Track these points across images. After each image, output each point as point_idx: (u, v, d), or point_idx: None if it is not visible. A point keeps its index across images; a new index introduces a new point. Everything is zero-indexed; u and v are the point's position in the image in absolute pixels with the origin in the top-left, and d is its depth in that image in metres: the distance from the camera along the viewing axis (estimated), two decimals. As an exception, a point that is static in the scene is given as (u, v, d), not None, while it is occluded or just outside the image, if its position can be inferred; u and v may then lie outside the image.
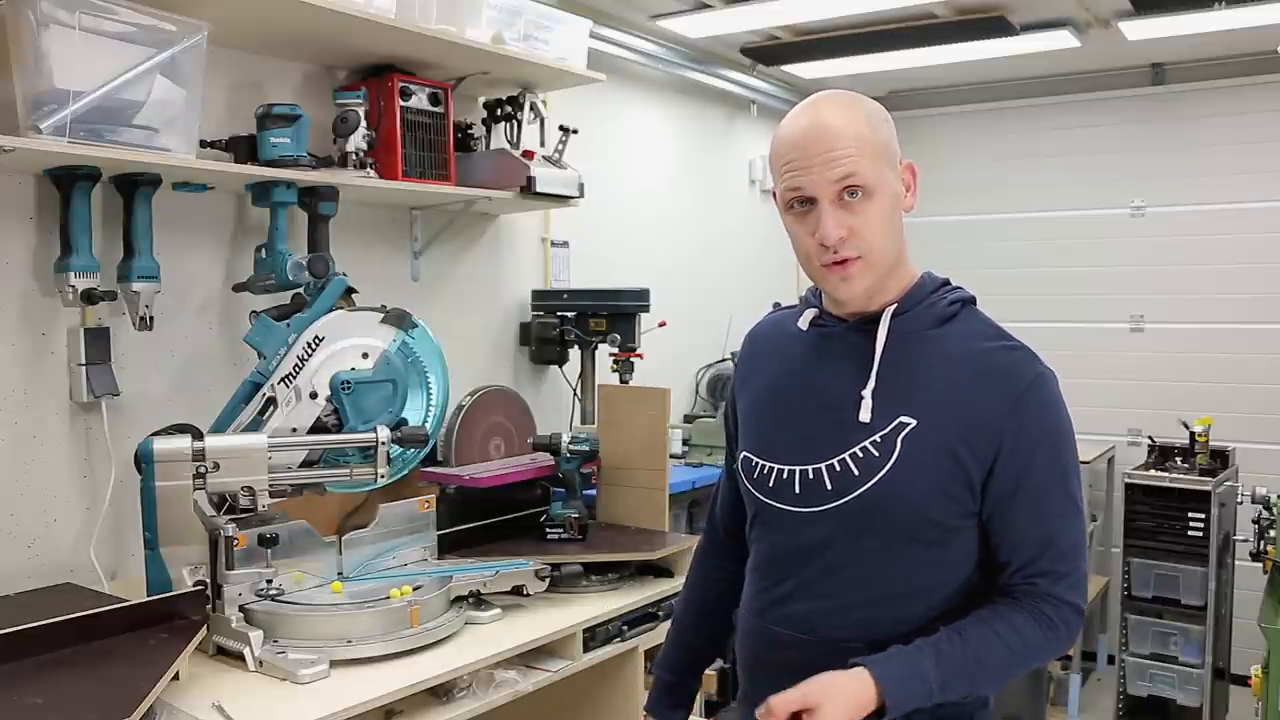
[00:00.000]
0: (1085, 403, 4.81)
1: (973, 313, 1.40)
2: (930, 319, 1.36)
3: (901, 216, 1.35)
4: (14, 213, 2.13)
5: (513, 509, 2.75)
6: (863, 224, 1.29)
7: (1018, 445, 1.29)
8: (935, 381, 1.32)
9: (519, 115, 2.98)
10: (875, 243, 1.30)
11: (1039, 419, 1.31)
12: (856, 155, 1.27)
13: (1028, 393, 1.30)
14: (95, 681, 1.65)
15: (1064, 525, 1.31)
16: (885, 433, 1.31)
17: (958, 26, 3.76)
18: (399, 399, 2.26)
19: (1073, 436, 1.36)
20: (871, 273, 1.33)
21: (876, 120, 1.33)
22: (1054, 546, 1.31)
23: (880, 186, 1.30)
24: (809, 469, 1.36)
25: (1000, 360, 1.32)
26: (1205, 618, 3.90)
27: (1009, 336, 1.37)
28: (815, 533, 1.36)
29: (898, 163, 1.34)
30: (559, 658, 2.20)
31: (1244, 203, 4.49)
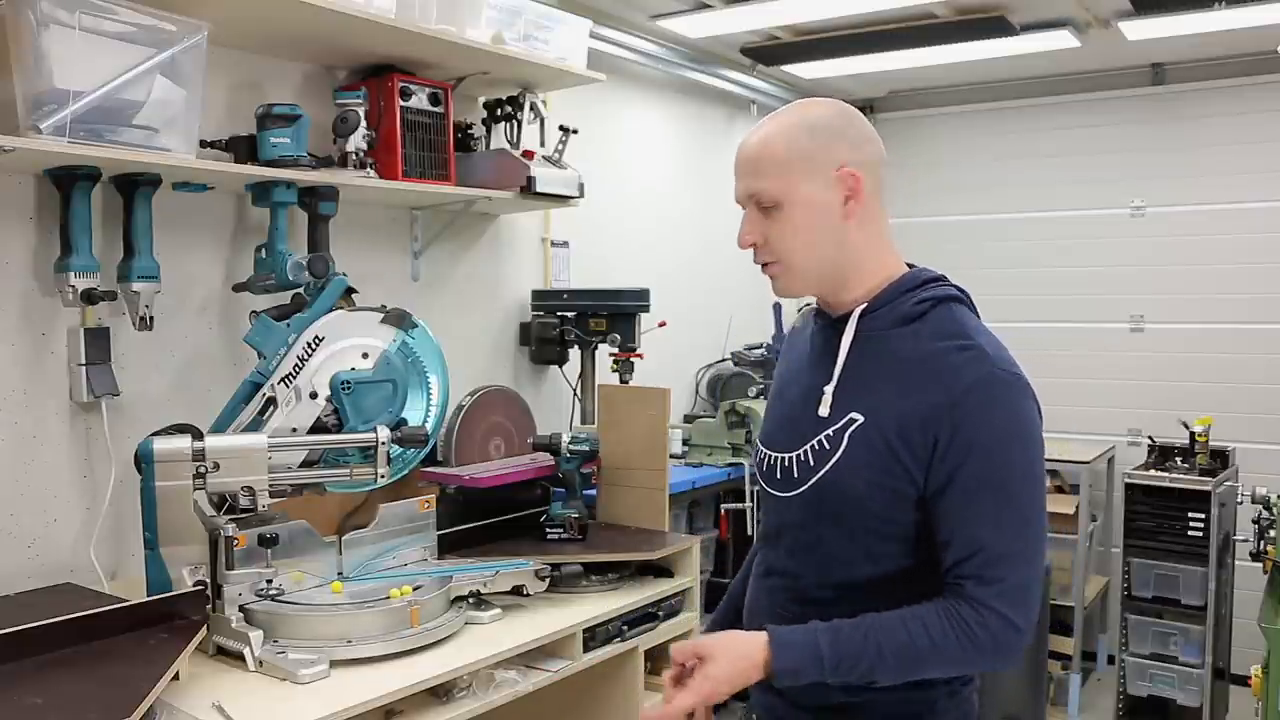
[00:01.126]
0: (1085, 403, 4.83)
1: (947, 311, 1.41)
2: (894, 318, 1.40)
3: (833, 223, 1.40)
4: (14, 213, 2.13)
5: (513, 509, 2.75)
6: (775, 234, 1.39)
7: (954, 444, 1.30)
8: (886, 380, 1.36)
9: (519, 115, 2.98)
10: (787, 251, 1.39)
11: (978, 419, 1.30)
12: (760, 174, 1.39)
13: (969, 393, 1.31)
14: (95, 681, 1.65)
15: (998, 531, 1.30)
16: (837, 427, 1.38)
17: (958, 26, 3.76)
18: (399, 399, 2.26)
19: (1026, 443, 1.32)
20: (793, 278, 1.41)
21: (801, 137, 1.39)
22: (984, 551, 1.30)
23: (790, 199, 1.37)
24: (786, 456, 1.45)
25: (949, 360, 1.34)
26: (1205, 618, 3.90)
27: (969, 336, 1.37)
28: (789, 514, 1.45)
29: (831, 172, 1.38)
30: (559, 658, 2.19)
31: (1244, 203, 4.49)
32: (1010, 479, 1.31)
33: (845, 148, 1.40)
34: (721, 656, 1.33)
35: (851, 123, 1.44)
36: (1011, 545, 1.30)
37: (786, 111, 1.44)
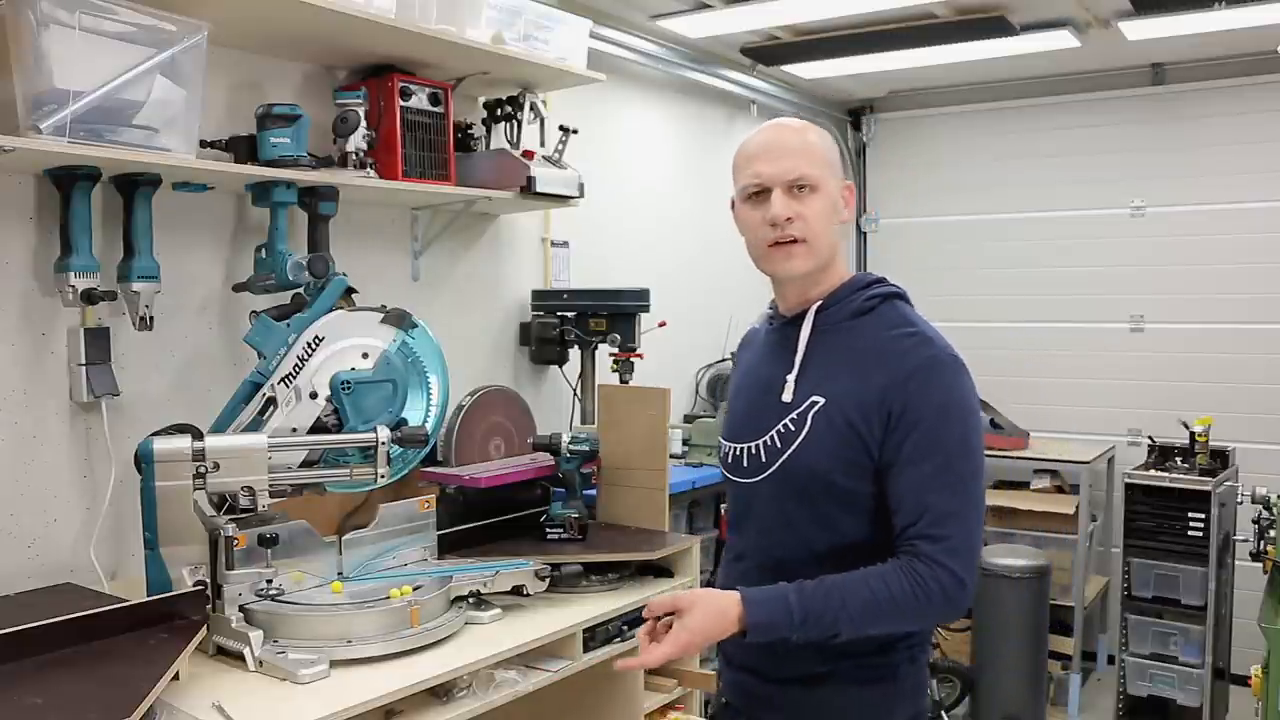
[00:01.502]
0: (1085, 403, 4.83)
1: (892, 306, 1.59)
2: (848, 312, 1.58)
3: (838, 223, 1.60)
4: (14, 213, 2.13)
5: (513, 509, 2.75)
6: (809, 212, 1.55)
7: (904, 419, 1.46)
8: (843, 367, 1.53)
9: (519, 115, 2.98)
10: (816, 229, 1.55)
11: (923, 397, 1.46)
12: (806, 160, 1.55)
13: (915, 374, 1.47)
14: (95, 681, 1.65)
15: (941, 494, 1.44)
16: (800, 410, 1.53)
17: (958, 26, 3.76)
18: (399, 399, 2.26)
19: (964, 415, 1.48)
20: (811, 257, 1.57)
21: (825, 140, 1.61)
22: (930, 512, 1.44)
23: (824, 187, 1.56)
24: (751, 445, 1.59)
25: (898, 345, 1.51)
26: (1205, 618, 3.90)
27: (914, 325, 1.54)
28: (754, 499, 1.59)
29: (841, 179, 1.61)
30: (559, 658, 2.19)
31: (1244, 203, 4.49)
32: (951, 448, 1.46)
33: (843, 167, 1.64)
34: (697, 609, 1.46)
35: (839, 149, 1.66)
36: (954, 506, 1.44)
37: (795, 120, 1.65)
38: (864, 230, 5.43)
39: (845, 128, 5.35)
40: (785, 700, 1.56)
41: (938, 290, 5.16)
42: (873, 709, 1.54)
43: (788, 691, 1.56)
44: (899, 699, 1.55)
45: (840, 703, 1.54)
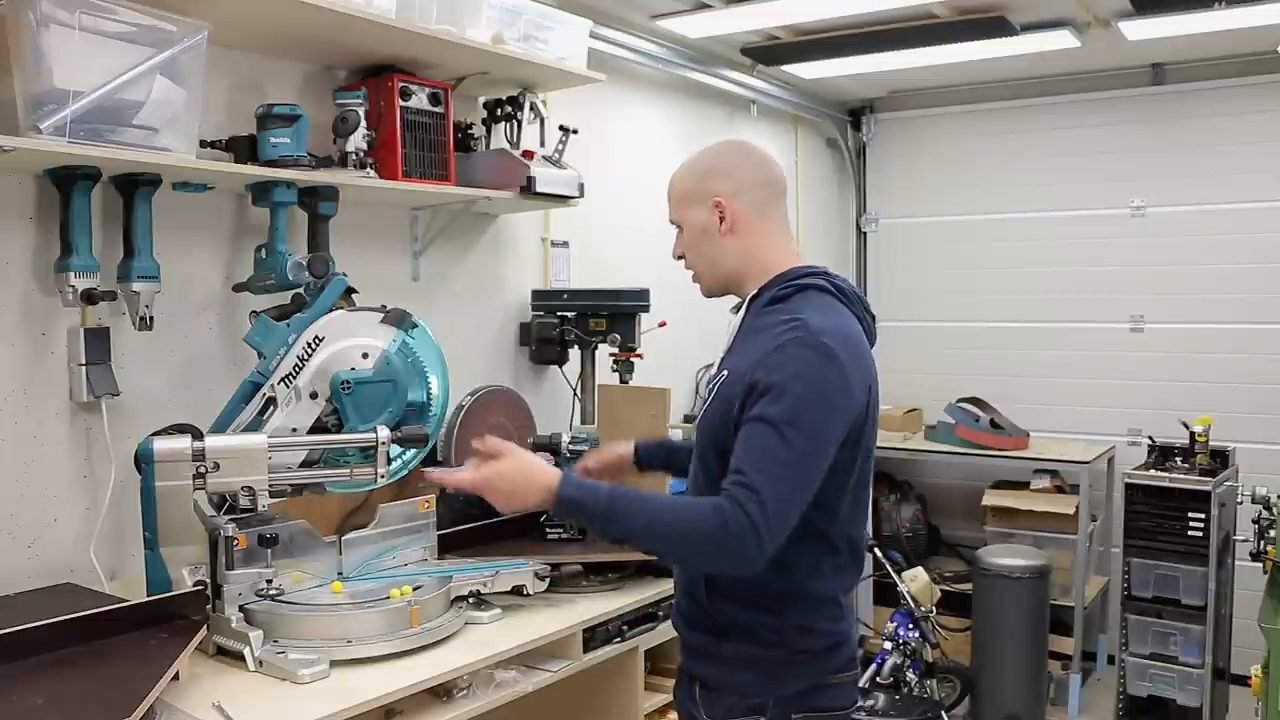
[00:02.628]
0: (1085, 403, 4.83)
1: (803, 295, 1.71)
2: (767, 300, 1.74)
3: (716, 237, 1.77)
4: (14, 213, 2.13)
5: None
6: (685, 248, 1.83)
7: (760, 389, 1.60)
8: (745, 346, 1.71)
9: (519, 115, 2.98)
10: (694, 259, 1.82)
11: (777, 370, 1.60)
12: (671, 203, 1.82)
13: (776, 350, 1.61)
14: (95, 681, 1.65)
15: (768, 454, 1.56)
16: (717, 382, 1.73)
17: (958, 26, 3.76)
18: (399, 399, 2.26)
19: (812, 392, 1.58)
20: (701, 280, 1.84)
21: (685, 172, 1.82)
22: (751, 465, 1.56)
23: (687, 221, 1.80)
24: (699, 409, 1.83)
25: (778, 328, 1.64)
26: (1205, 618, 3.90)
27: (799, 316, 1.65)
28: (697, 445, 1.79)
29: (706, 200, 1.77)
30: (559, 658, 2.20)
31: (1244, 203, 4.49)
32: (785, 416, 1.56)
33: (719, 182, 1.77)
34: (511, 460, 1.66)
35: (734, 161, 1.80)
36: (772, 467, 1.55)
37: (691, 156, 1.85)
38: (864, 230, 5.43)
39: (845, 128, 5.34)
40: (705, 649, 1.75)
41: (937, 290, 5.17)
42: (766, 667, 1.69)
43: (705, 641, 1.74)
44: (793, 665, 1.69)
45: (742, 656, 1.70)
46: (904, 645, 3.50)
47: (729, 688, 1.72)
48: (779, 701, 1.68)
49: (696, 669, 1.77)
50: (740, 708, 1.70)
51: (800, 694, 1.69)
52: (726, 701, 1.71)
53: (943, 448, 4.62)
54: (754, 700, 1.69)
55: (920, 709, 3.21)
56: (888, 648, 3.51)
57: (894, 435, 4.76)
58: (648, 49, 3.76)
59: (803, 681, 1.69)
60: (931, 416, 4.80)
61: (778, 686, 1.69)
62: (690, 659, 1.80)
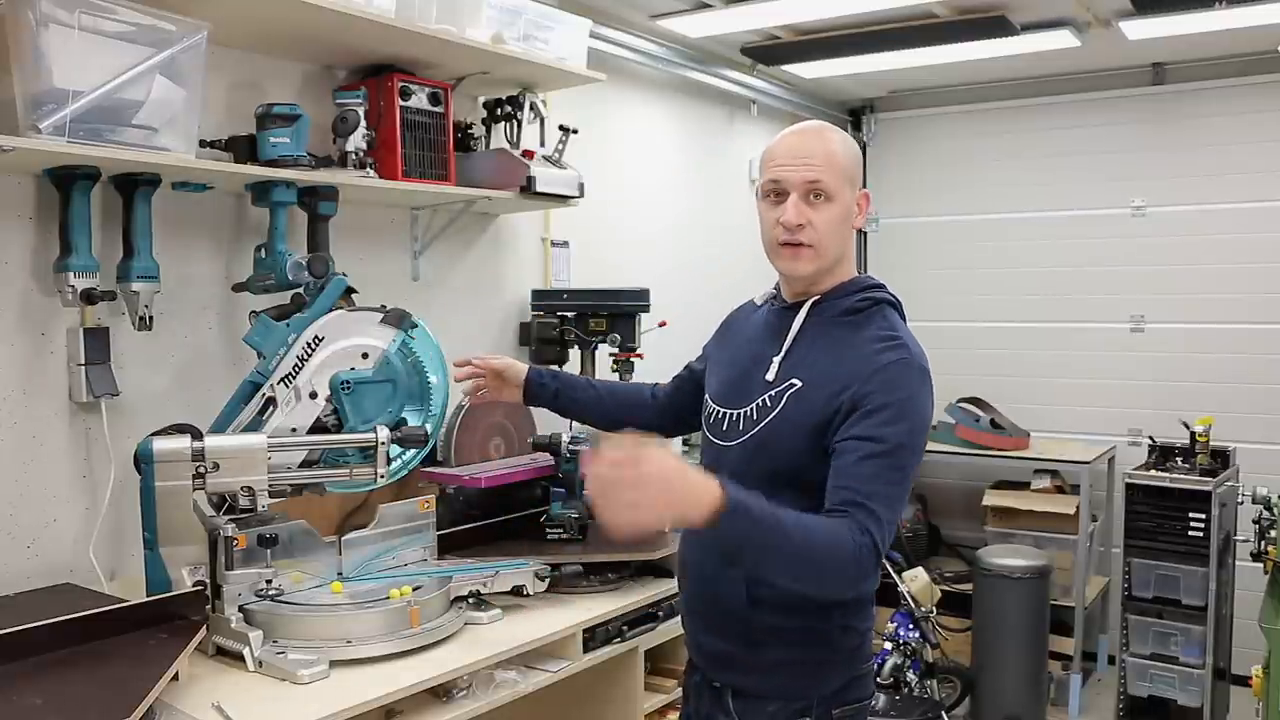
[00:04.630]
0: (1085, 403, 4.83)
1: (882, 312, 1.70)
2: (841, 310, 1.70)
3: (850, 229, 1.72)
4: (13, 213, 2.12)
5: (513, 509, 2.75)
6: (819, 220, 1.66)
7: (859, 407, 1.57)
8: (825, 358, 1.66)
9: (519, 115, 2.98)
10: (824, 236, 1.67)
11: (884, 392, 1.57)
12: (826, 169, 1.65)
13: (881, 371, 1.59)
14: (95, 682, 1.65)
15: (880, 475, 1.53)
16: (779, 389, 1.66)
17: (958, 26, 3.76)
18: (399, 399, 2.26)
19: (914, 416, 1.59)
20: (815, 260, 1.68)
21: (847, 148, 1.71)
22: (866, 485, 1.52)
23: (839, 197, 1.66)
24: (732, 412, 1.73)
25: (874, 346, 1.63)
26: (1206, 618, 3.90)
27: (896, 333, 1.66)
28: (726, 460, 1.70)
29: (858, 188, 1.71)
30: (559, 658, 2.19)
31: (1244, 203, 4.49)
32: (895, 439, 1.55)
33: (862, 175, 1.74)
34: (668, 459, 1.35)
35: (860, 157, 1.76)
36: (885, 488, 1.53)
37: (832, 128, 1.73)
38: (864, 230, 5.42)
39: (845, 128, 5.33)
40: (738, 659, 1.70)
41: (937, 290, 5.17)
42: (813, 669, 1.67)
43: (739, 650, 1.69)
44: (836, 664, 1.69)
45: (786, 662, 1.67)
46: (904, 645, 3.50)
47: (771, 694, 1.68)
48: (821, 701, 1.68)
49: (729, 679, 1.73)
50: (785, 712, 1.67)
51: (840, 690, 1.70)
52: (770, 708, 1.67)
53: (943, 448, 4.61)
54: (799, 704, 1.67)
55: (920, 709, 3.21)
56: (888, 648, 3.51)
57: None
58: (648, 49, 3.76)
59: (843, 678, 1.70)
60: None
61: (821, 685, 1.68)
62: (720, 669, 1.74)
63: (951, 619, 4.18)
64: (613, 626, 2.31)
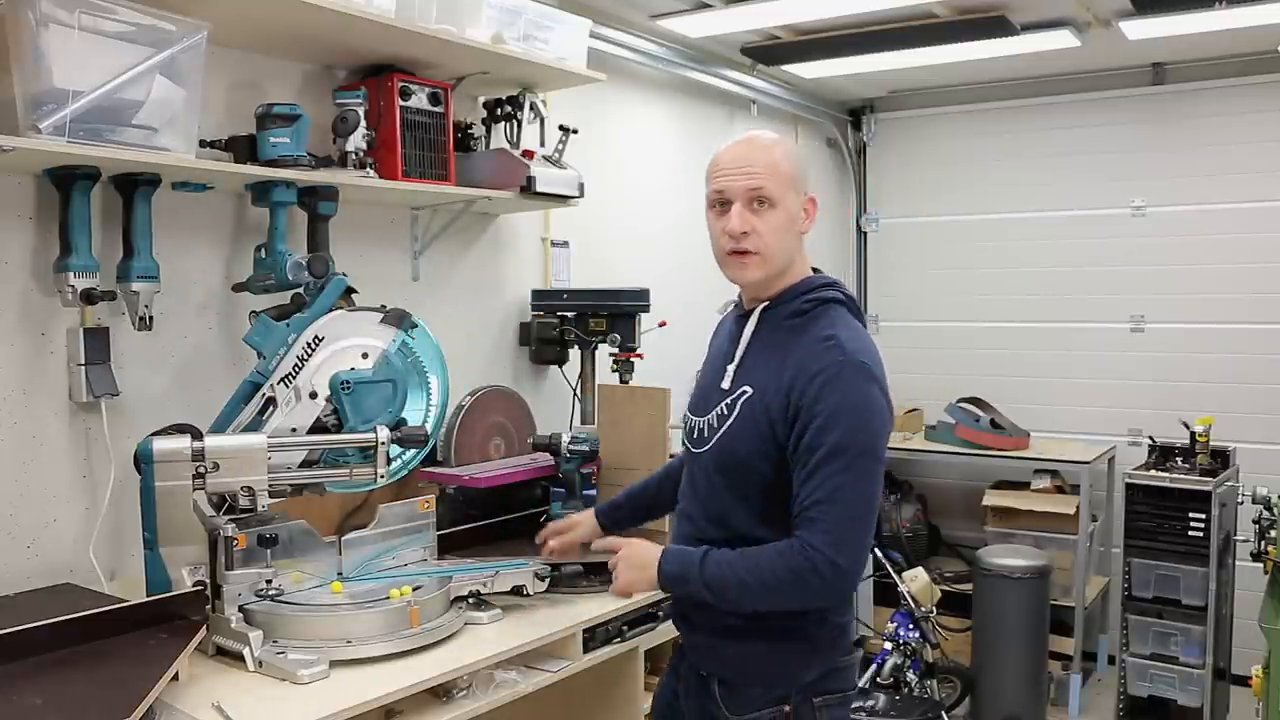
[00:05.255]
0: (1085, 403, 4.83)
1: (827, 311, 1.75)
2: (787, 313, 1.76)
3: (798, 234, 1.77)
4: (13, 213, 2.12)
5: (513, 509, 2.75)
6: (764, 226, 1.72)
7: (802, 415, 1.65)
8: (772, 362, 1.72)
9: (519, 115, 2.98)
10: (769, 242, 1.72)
11: (821, 397, 1.63)
12: (769, 176, 1.71)
13: (819, 375, 1.65)
14: (95, 682, 1.65)
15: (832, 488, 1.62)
16: (732, 398, 1.75)
17: (958, 26, 3.76)
18: (399, 399, 2.26)
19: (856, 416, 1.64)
20: (762, 267, 1.74)
21: (789, 156, 1.76)
22: (819, 504, 1.62)
23: (782, 203, 1.72)
24: (700, 420, 1.83)
25: (814, 348, 1.68)
26: (1206, 618, 3.90)
27: (833, 336, 1.69)
28: (697, 468, 1.83)
29: (803, 193, 1.76)
30: (559, 658, 2.19)
31: (1244, 203, 4.49)
32: (838, 444, 1.62)
33: (808, 180, 1.79)
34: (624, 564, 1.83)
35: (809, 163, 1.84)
36: (837, 498, 1.61)
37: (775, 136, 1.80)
38: (864, 230, 5.42)
39: (845, 128, 5.34)
40: (716, 650, 1.80)
41: (938, 290, 5.17)
42: (787, 660, 1.76)
43: (715, 642, 1.80)
44: (812, 654, 1.77)
45: (759, 653, 1.76)
46: (904, 645, 3.50)
47: (753, 682, 1.77)
48: (800, 689, 1.76)
49: (714, 668, 1.82)
50: (765, 699, 1.76)
51: (818, 680, 1.77)
52: (751, 694, 1.76)
53: (943, 448, 4.62)
54: (779, 691, 1.76)
55: (920, 709, 3.21)
56: (888, 648, 3.51)
57: (894, 435, 4.72)
58: (648, 49, 3.76)
59: (821, 668, 1.77)
60: (931, 416, 4.80)
61: (800, 674, 1.76)
62: (706, 659, 1.84)
63: (951, 619, 4.18)
64: (613, 626, 2.30)
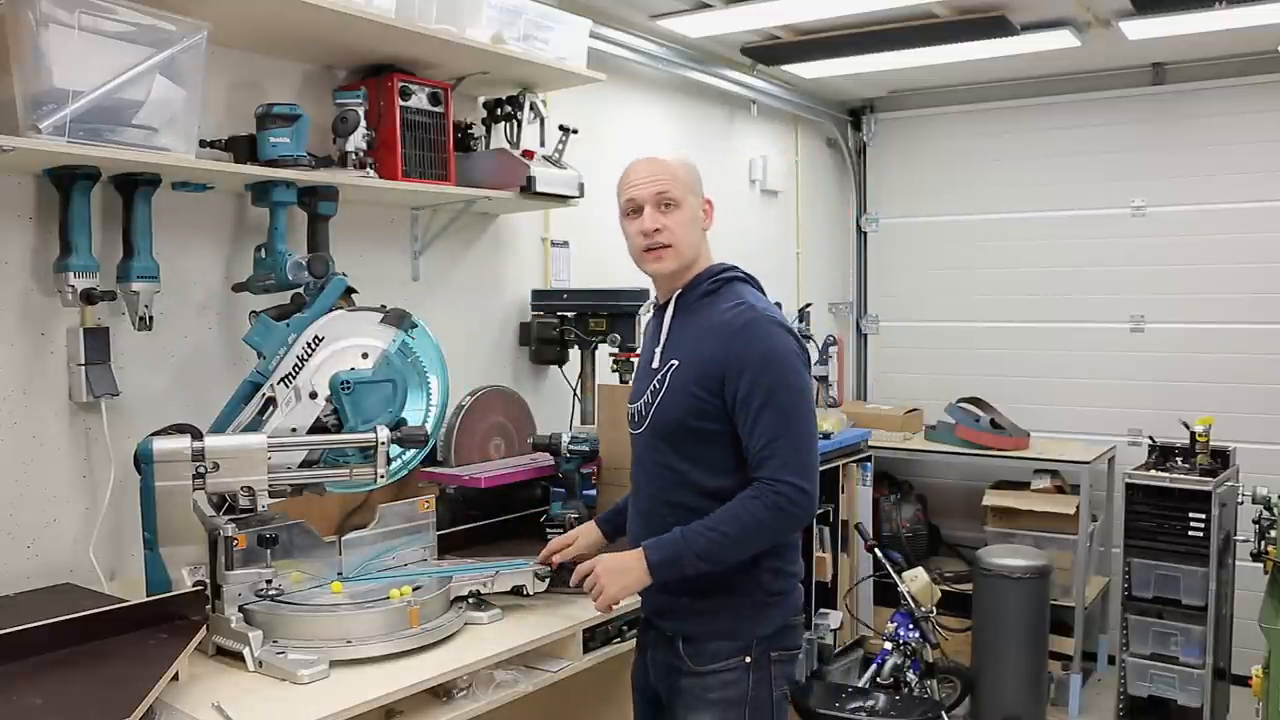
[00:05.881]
0: (1085, 403, 4.83)
1: (731, 287, 2.01)
2: (698, 294, 2.02)
3: (700, 230, 2.04)
4: (13, 213, 2.12)
5: (513, 509, 2.75)
6: (672, 223, 1.99)
7: (733, 370, 1.89)
8: (693, 336, 1.97)
9: (519, 115, 2.98)
10: (679, 236, 1.99)
11: (748, 348, 1.89)
12: (671, 183, 2.00)
13: (741, 331, 1.90)
14: (95, 682, 1.65)
15: (773, 422, 1.86)
16: (663, 373, 1.98)
17: (958, 26, 3.76)
18: (399, 399, 2.26)
19: (784, 360, 1.90)
20: (677, 257, 2.00)
21: (686, 166, 2.06)
22: (766, 440, 1.86)
23: (685, 204, 2.01)
24: (637, 405, 2.05)
25: (730, 313, 1.94)
26: (1206, 618, 3.90)
27: (743, 299, 1.96)
28: (642, 446, 2.04)
29: (701, 197, 2.05)
30: (559, 658, 2.19)
31: (1244, 203, 4.49)
32: (776, 388, 1.87)
33: (702, 186, 2.08)
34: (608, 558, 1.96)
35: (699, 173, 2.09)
36: (782, 431, 1.86)
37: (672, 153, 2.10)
38: (864, 230, 5.42)
39: (845, 128, 5.34)
40: (681, 609, 1.97)
41: (938, 290, 5.17)
42: (748, 613, 1.95)
43: (681, 601, 1.96)
44: (770, 608, 1.97)
45: (722, 608, 1.95)
46: (904, 645, 3.50)
47: (716, 636, 1.95)
48: (759, 641, 1.94)
49: (679, 628, 1.99)
50: (728, 650, 1.94)
51: (774, 635, 1.96)
52: (713, 648, 1.94)
53: (943, 448, 4.62)
54: (739, 642, 1.94)
55: (920, 709, 3.21)
56: (888, 648, 3.51)
57: (894, 435, 4.76)
58: (648, 49, 3.76)
59: (777, 622, 1.97)
60: (931, 416, 4.80)
61: (758, 627, 1.95)
62: (671, 620, 2.01)
63: (951, 619, 4.17)
64: (613, 626, 2.30)
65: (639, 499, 2.07)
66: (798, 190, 4.93)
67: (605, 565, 1.95)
